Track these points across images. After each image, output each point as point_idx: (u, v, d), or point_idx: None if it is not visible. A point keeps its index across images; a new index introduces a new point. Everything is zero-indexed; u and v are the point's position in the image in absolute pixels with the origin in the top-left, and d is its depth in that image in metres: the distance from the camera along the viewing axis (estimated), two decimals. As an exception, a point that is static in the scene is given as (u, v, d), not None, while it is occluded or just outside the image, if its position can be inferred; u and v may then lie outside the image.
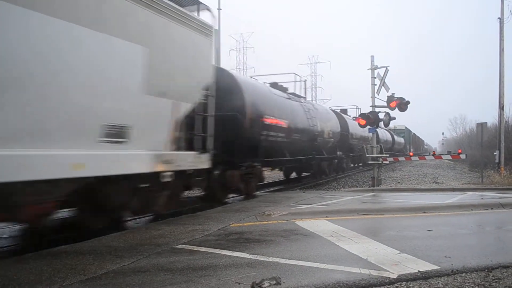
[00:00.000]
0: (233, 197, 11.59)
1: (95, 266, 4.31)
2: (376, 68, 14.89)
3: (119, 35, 5.59)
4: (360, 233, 5.96)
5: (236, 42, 57.74)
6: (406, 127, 53.38)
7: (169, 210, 7.85)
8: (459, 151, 15.97)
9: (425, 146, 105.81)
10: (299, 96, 16.37)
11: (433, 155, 16.87)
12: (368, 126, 14.63)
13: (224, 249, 5.08)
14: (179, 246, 5.25)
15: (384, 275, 3.99)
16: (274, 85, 14.66)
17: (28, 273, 4.07)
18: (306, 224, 6.77)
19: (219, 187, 9.90)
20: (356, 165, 28.27)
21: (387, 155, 16.88)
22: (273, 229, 6.38)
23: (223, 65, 17.73)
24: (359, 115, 15.59)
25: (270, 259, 4.60)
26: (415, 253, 4.78)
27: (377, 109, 14.91)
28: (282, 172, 18.57)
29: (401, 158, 18.72)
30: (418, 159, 19.00)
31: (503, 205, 8.82)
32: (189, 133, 7.56)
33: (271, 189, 15.56)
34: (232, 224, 6.81)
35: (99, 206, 6.03)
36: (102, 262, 4.48)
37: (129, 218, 7.92)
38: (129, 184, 6.32)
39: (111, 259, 4.61)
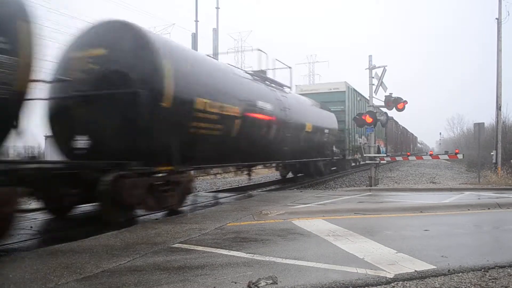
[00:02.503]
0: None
1: (91, 265, 4.30)
2: (374, 67, 14.89)
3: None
4: (357, 233, 5.95)
5: (234, 41, 57.62)
6: (350, 89, 22.43)
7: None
8: (457, 151, 16.00)
9: (419, 145, 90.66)
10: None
11: (430, 155, 16.89)
12: (366, 126, 14.64)
13: (221, 248, 5.07)
14: (176, 245, 5.24)
15: (381, 275, 3.98)
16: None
17: (24, 272, 4.06)
18: (303, 223, 6.76)
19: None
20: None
21: (385, 155, 16.90)
22: (270, 228, 6.37)
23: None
24: (356, 115, 15.59)
25: (267, 258, 4.59)
26: (412, 253, 4.78)
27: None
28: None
29: (399, 158, 18.71)
30: (415, 159, 19.01)
31: (500, 205, 8.83)
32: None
33: (268, 188, 15.57)
34: (229, 223, 6.80)
35: None
36: (98, 261, 4.47)
37: None
38: None
39: (107, 258, 4.60)
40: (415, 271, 4.10)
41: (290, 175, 18.73)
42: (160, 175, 7.92)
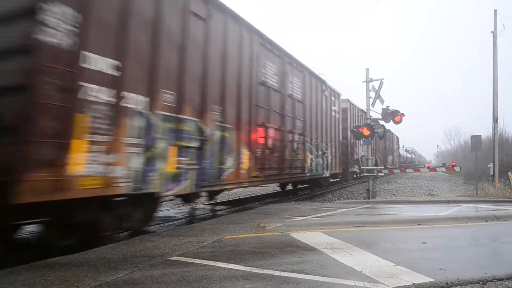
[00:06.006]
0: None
1: (88, 278, 4.28)
2: (371, 80, 15.00)
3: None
4: (355, 245, 5.95)
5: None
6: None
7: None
8: (454, 163, 16.06)
9: (406, 153, 61.55)
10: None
11: (428, 167, 16.95)
12: (363, 139, 14.70)
13: (219, 261, 5.06)
14: (174, 258, 5.22)
15: (379, 288, 3.98)
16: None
17: (21, 285, 4.04)
18: (301, 236, 6.75)
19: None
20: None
21: (383, 167, 16.91)
22: (268, 241, 6.36)
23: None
24: (354, 127, 15.67)
25: (265, 271, 4.58)
26: (410, 266, 4.78)
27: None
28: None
29: (396, 171, 18.75)
30: (413, 171, 19.06)
31: (497, 218, 8.84)
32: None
33: (265, 201, 15.55)
34: (227, 236, 6.79)
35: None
36: (96, 274, 4.45)
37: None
38: None
39: (105, 271, 4.58)
40: (413, 284, 4.10)
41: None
42: None
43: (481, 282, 4.22)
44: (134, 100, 6.53)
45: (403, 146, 64.47)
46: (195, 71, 8.26)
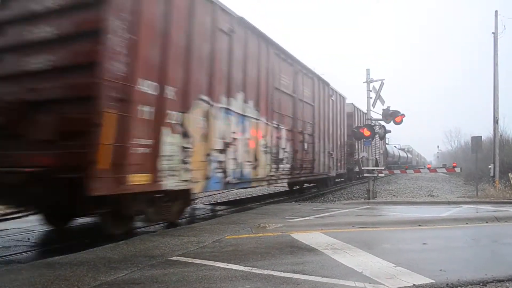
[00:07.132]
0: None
1: (89, 278, 4.28)
2: (372, 81, 15.00)
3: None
4: (355, 246, 5.95)
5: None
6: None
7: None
8: (454, 164, 16.06)
9: (396, 148, 48.87)
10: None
11: (428, 168, 16.96)
12: (363, 139, 14.71)
13: (219, 261, 5.06)
14: (174, 258, 5.22)
15: (379, 289, 3.98)
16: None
17: (21, 284, 4.04)
18: (301, 236, 6.75)
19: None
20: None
21: (383, 168, 16.93)
22: (268, 242, 6.36)
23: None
24: (354, 128, 15.68)
25: (265, 271, 4.58)
26: (410, 266, 4.77)
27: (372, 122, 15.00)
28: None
29: (396, 171, 18.74)
30: (413, 172, 19.08)
31: (498, 219, 8.83)
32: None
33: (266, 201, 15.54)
34: (228, 236, 6.79)
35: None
36: (96, 273, 4.45)
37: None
38: None
39: (105, 270, 4.58)
40: (414, 285, 4.09)
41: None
42: None
43: (481, 284, 4.21)
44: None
45: (400, 144, 57.97)
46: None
